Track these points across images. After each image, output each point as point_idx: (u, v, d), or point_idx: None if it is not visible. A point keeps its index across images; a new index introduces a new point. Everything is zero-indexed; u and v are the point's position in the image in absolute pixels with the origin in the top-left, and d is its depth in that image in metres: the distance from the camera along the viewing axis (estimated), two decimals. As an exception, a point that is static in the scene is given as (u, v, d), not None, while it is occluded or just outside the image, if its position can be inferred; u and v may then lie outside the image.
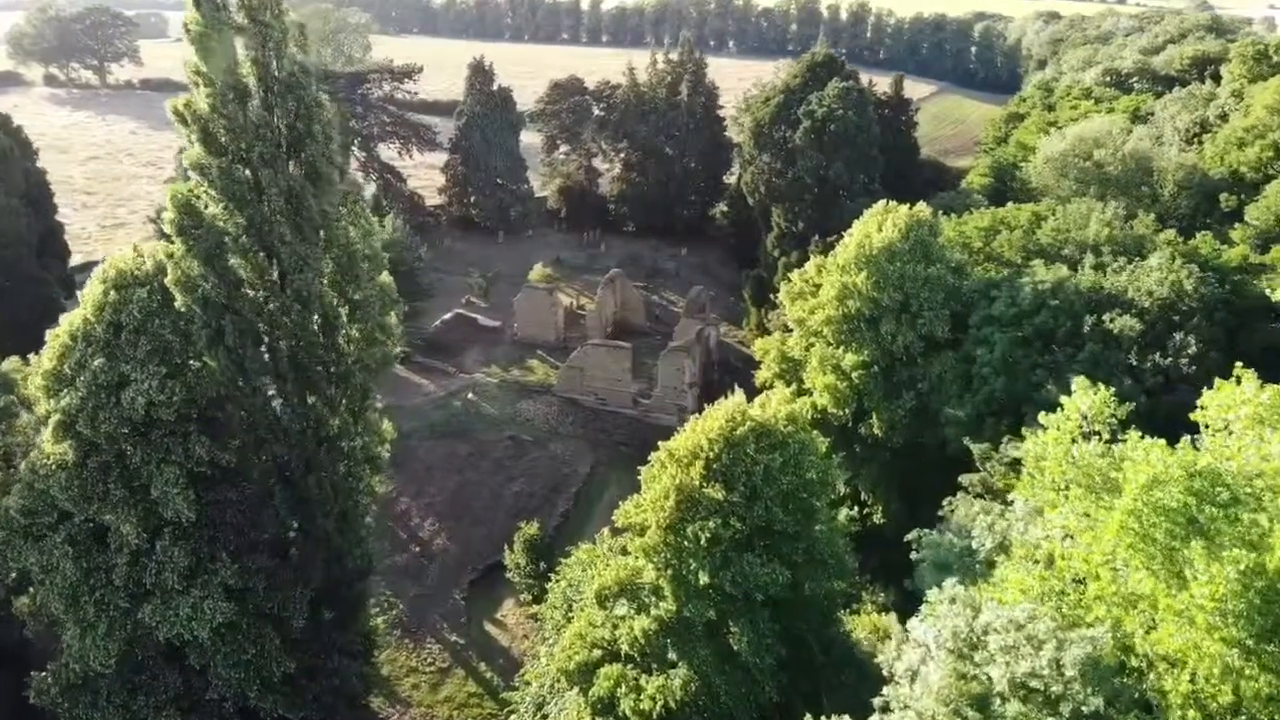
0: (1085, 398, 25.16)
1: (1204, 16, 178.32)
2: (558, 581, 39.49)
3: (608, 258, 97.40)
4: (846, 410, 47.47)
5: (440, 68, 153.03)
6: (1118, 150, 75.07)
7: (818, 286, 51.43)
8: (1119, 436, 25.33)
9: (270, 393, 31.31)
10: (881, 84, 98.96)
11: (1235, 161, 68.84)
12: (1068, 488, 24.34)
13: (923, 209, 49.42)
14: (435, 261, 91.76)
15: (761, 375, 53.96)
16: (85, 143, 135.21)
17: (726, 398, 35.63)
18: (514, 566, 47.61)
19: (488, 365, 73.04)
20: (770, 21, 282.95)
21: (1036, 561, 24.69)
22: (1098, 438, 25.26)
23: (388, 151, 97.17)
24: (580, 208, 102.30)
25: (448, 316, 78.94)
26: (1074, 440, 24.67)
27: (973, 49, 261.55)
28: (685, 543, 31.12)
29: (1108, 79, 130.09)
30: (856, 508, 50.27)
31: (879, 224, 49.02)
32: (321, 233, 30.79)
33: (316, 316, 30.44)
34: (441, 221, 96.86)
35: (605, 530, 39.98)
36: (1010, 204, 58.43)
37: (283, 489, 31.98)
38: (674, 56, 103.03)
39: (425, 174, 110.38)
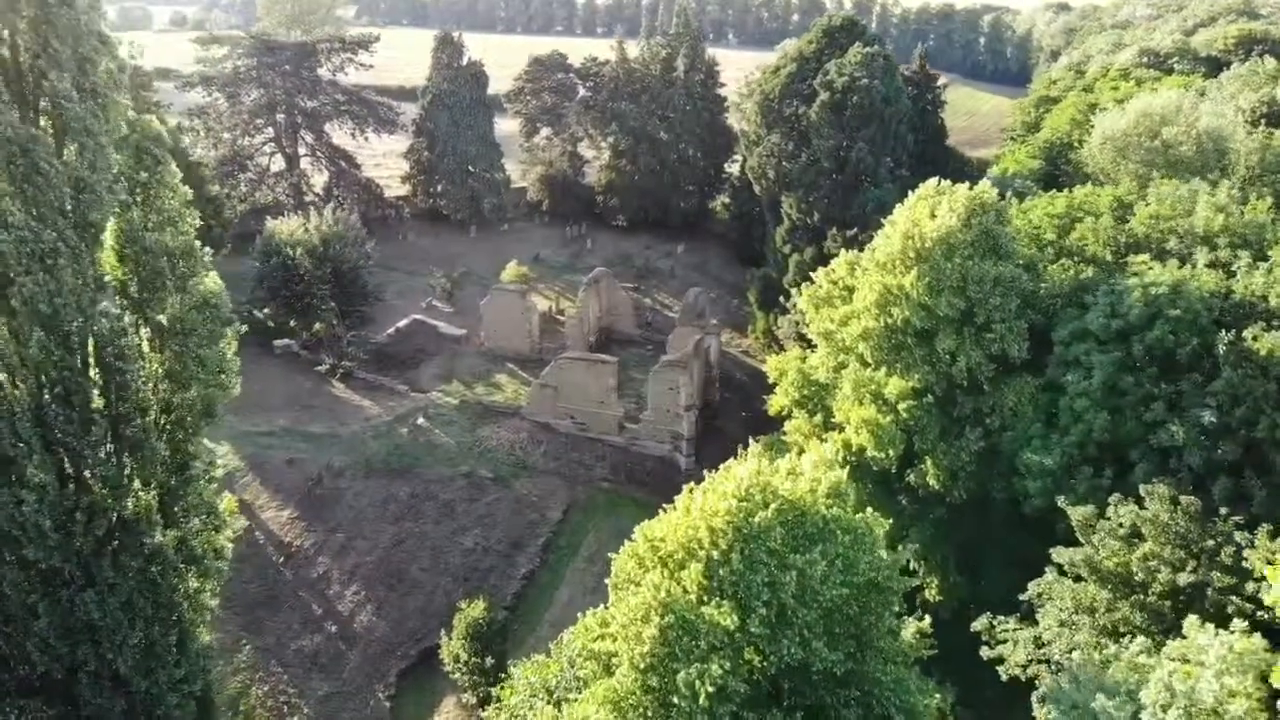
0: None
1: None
2: (497, 713, 27.98)
3: (594, 255, 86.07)
4: (891, 453, 36.00)
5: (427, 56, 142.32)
6: (1190, 128, 63.81)
7: (850, 290, 39.98)
8: None
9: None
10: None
11: (1336, 140, 57.55)
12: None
13: (986, 189, 38.01)
14: (395, 260, 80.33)
15: (776, 402, 42.50)
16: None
17: (738, 457, 24.27)
18: (452, 659, 36.09)
19: (448, 381, 61.47)
20: (771, 11, 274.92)
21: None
22: None
23: (341, 136, 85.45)
24: (563, 199, 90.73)
25: (403, 323, 67.43)
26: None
27: (981, 40, 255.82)
28: (675, 699, 19.69)
29: (1145, 60, 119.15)
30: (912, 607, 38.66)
31: (931, 208, 37.62)
32: (98, 215, 19.24)
33: (81, 346, 18.87)
34: (404, 214, 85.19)
35: (564, 636, 28.40)
36: (1089, 186, 46.94)
37: (49, 608, 20.48)
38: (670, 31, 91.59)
39: (395, 162, 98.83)
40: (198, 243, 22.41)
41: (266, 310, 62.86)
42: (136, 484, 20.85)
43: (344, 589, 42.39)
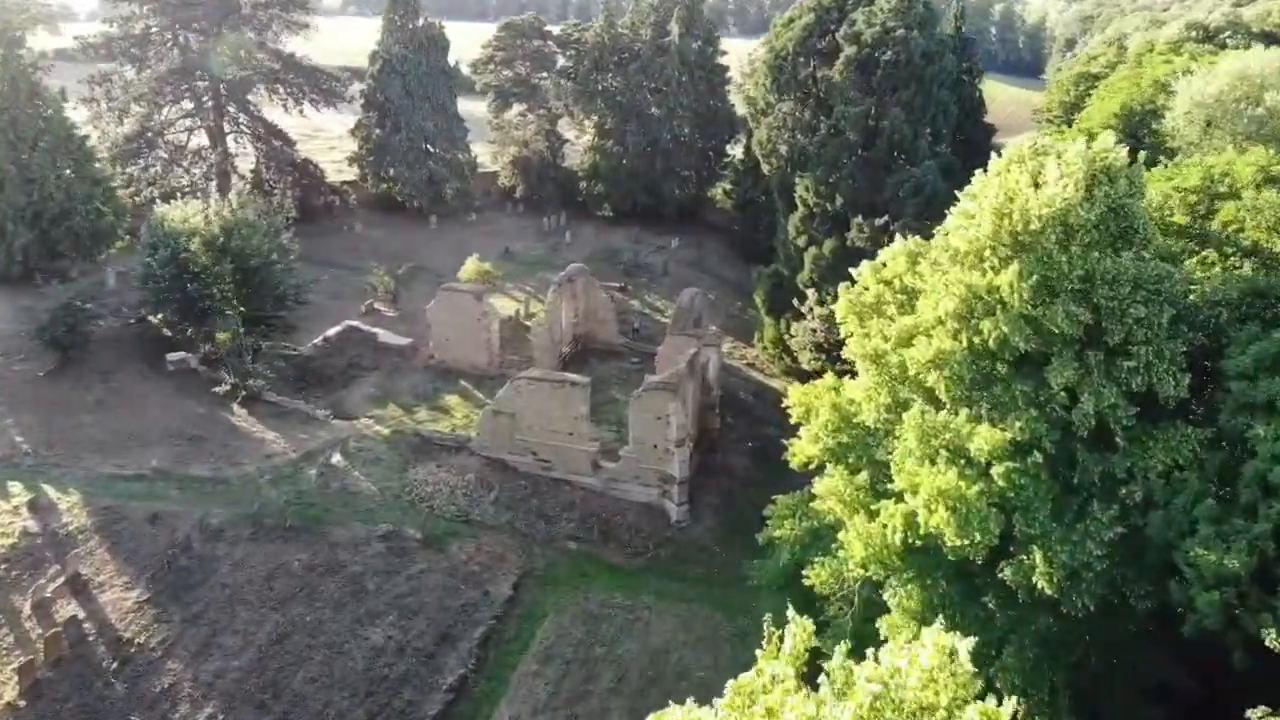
0: None
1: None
2: None
3: (574, 249, 74.18)
4: (980, 539, 23.81)
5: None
6: (1301, 92, 51.98)
7: (910, 293, 27.92)
8: None
9: None
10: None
11: None
12: None
13: (1110, 146, 25.94)
14: (339, 255, 68.41)
15: (801, 451, 30.25)
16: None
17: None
18: None
19: (383, 404, 49.41)
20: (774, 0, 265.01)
21: None
22: None
23: (281, 113, 73.19)
24: (540, 185, 78.63)
25: (333, 331, 55.29)
26: None
27: (992, 30, 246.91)
28: None
29: (1193, 34, 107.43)
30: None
31: (1033, 175, 25.56)
32: None
33: None
34: (349, 201, 72.98)
35: None
36: (1229, 153, 35.06)
37: None
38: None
39: (350, 144, 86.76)
40: None
41: (160, 316, 50.83)
42: None
43: (195, 711, 30.20)
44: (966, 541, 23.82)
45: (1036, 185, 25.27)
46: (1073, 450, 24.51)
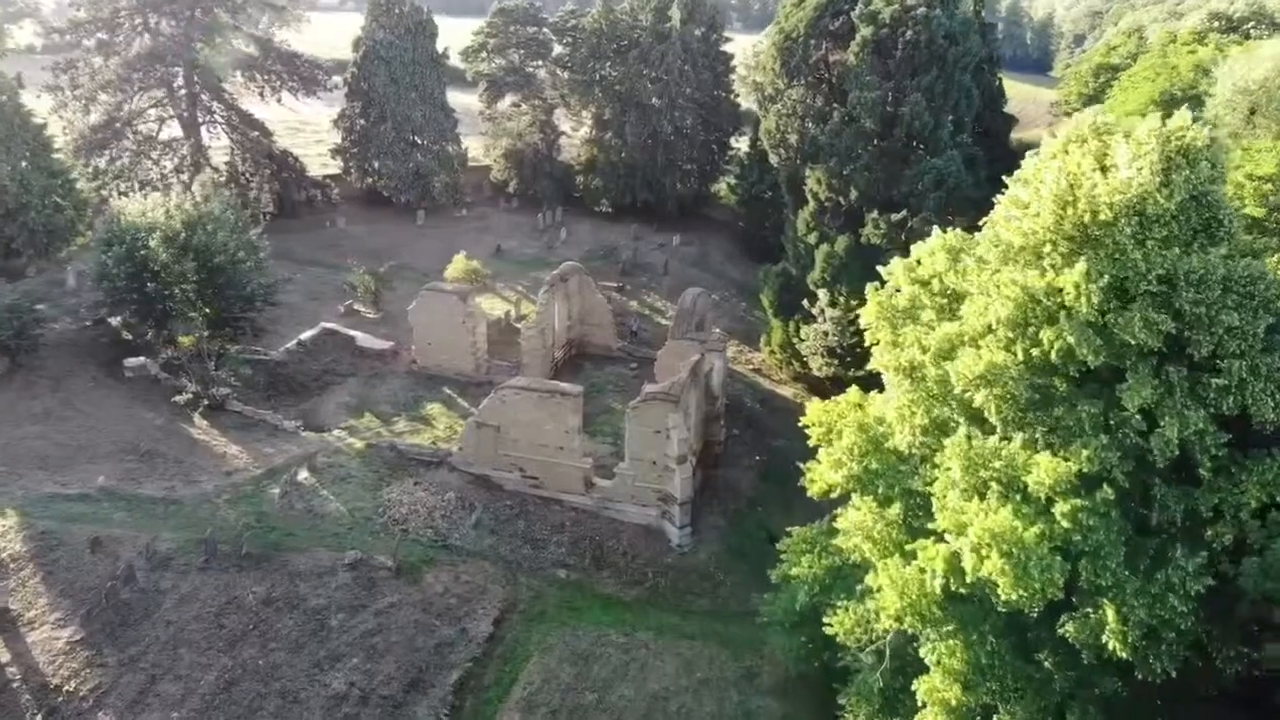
0: None
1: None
2: None
3: (570, 247, 70.55)
4: (1041, 590, 19.89)
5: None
6: (1355, 76, 48.14)
7: (952, 297, 23.99)
8: None
9: None
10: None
11: None
12: None
13: (1186, 122, 21.92)
14: (320, 253, 64.75)
15: (820, 479, 26.16)
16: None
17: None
18: None
19: (359, 414, 45.67)
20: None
21: None
22: None
23: (260, 103, 69.35)
24: (534, 179, 74.82)
25: (308, 334, 51.42)
26: None
27: (998, 25, 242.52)
28: None
29: (1216, 24, 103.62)
30: None
31: (1098, 157, 21.63)
32: None
33: None
34: (333, 195, 69.09)
35: None
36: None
37: None
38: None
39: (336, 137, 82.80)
40: None
41: (119, 318, 47.05)
42: None
43: (125, 774, 26.45)
44: (1024, 592, 19.89)
45: (1103, 169, 21.37)
46: (1149, 484, 20.61)
